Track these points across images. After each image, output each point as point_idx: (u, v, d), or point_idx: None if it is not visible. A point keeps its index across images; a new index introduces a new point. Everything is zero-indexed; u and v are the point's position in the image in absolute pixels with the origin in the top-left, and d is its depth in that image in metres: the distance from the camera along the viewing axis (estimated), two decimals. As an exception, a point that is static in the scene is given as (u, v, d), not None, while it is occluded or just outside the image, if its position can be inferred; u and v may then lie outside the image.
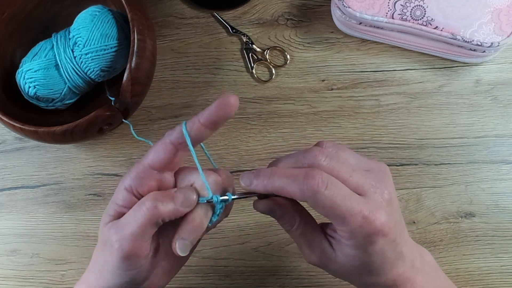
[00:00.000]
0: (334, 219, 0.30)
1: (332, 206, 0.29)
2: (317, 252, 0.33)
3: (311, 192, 0.29)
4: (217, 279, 0.51)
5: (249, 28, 0.55)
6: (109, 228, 0.31)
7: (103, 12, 0.47)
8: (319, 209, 0.29)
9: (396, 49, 0.53)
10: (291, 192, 0.30)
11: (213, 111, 0.30)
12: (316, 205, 0.29)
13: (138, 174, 0.31)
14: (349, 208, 0.29)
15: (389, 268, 0.31)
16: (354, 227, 0.29)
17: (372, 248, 0.30)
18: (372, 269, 0.31)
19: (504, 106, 0.52)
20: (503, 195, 0.51)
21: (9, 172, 0.55)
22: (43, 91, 0.47)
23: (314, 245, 0.33)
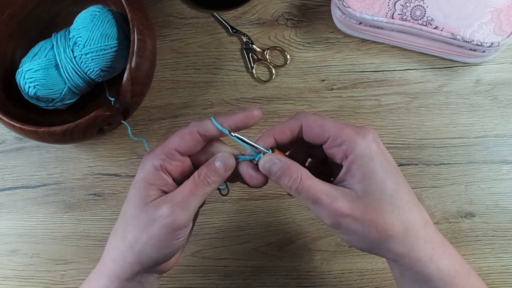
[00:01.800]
0: (329, 130, 0.33)
1: (323, 121, 0.34)
2: (337, 197, 0.32)
3: (304, 115, 0.35)
4: (217, 279, 0.51)
5: (249, 28, 0.55)
6: (159, 204, 0.33)
7: (103, 12, 0.47)
8: (314, 130, 0.34)
9: (396, 49, 0.53)
10: (292, 127, 0.35)
11: (239, 119, 0.35)
12: (311, 126, 0.34)
13: (167, 155, 0.34)
14: (342, 125, 0.33)
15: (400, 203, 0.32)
16: (349, 133, 0.32)
17: (380, 158, 0.32)
18: (394, 194, 0.32)
19: (504, 106, 0.52)
20: (503, 195, 0.51)
21: (9, 172, 0.55)
22: (43, 91, 0.47)
23: (332, 193, 0.32)
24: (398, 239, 0.32)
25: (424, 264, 0.32)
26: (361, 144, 0.32)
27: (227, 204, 0.52)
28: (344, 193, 0.32)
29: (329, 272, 0.51)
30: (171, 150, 0.34)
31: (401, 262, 0.33)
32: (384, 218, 0.31)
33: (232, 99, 0.54)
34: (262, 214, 0.52)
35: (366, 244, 0.33)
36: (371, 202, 0.31)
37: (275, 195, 0.52)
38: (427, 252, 0.32)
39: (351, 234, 0.32)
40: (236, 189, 0.52)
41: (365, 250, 0.34)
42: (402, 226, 0.32)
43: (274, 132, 0.35)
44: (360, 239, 0.32)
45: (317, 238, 0.51)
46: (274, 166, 0.34)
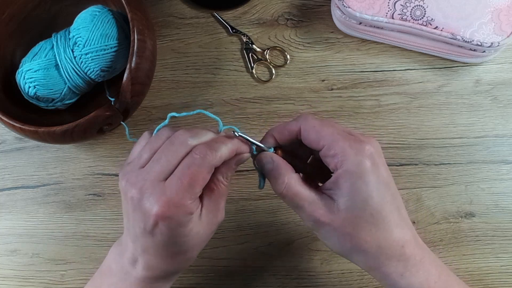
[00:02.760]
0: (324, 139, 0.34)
1: (321, 128, 0.34)
2: (319, 206, 0.34)
3: (305, 118, 0.35)
4: (217, 279, 0.51)
5: (249, 28, 0.55)
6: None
7: (103, 12, 0.47)
8: (311, 135, 0.35)
9: (396, 49, 0.53)
10: (290, 129, 0.36)
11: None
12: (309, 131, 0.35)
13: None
14: (339, 130, 0.34)
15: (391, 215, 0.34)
16: (344, 146, 0.33)
17: (369, 176, 0.33)
18: (374, 214, 0.33)
19: (504, 106, 0.52)
20: (503, 195, 0.51)
21: (9, 172, 0.55)
22: (43, 91, 0.47)
23: (315, 201, 0.34)
24: (370, 254, 0.34)
25: (394, 279, 0.34)
26: (353, 160, 0.33)
27: (227, 204, 0.52)
28: (327, 203, 0.34)
29: (329, 272, 0.51)
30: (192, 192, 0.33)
31: (372, 273, 0.35)
32: (359, 234, 0.33)
33: (232, 99, 0.54)
34: (262, 214, 0.52)
35: (340, 250, 0.35)
36: (350, 217, 0.33)
37: (275, 195, 0.51)
38: (398, 269, 0.34)
39: (328, 239, 0.35)
40: (236, 189, 0.52)
41: (339, 255, 0.36)
42: (375, 244, 0.33)
43: (274, 131, 0.37)
44: (335, 245, 0.35)
45: (317, 238, 0.51)
46: (267, 165, 0.35)
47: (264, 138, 0.37)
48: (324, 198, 0.34)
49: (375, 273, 0.35)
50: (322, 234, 0.35)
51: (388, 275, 0.34)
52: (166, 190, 0.31)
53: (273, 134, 0.37)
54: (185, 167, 0.32)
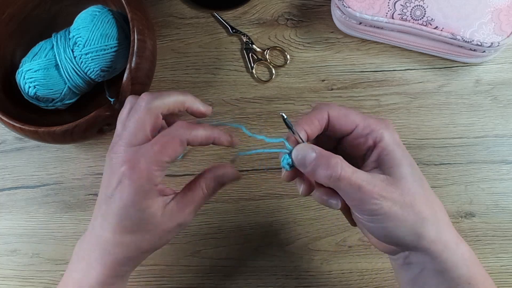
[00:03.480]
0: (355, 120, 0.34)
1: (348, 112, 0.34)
2: (376, 182, 0.32)
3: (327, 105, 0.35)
4: (217, 279, 0.51)
5: (249, 28, 0.55)
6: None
7: (103, 12, 0.47)
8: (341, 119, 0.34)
9: (396, 49, 0.53)
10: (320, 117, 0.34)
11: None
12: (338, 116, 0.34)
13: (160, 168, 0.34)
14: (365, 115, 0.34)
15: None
16: (375, 122, 0.34)
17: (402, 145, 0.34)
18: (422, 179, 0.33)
19: (504, 106, 0.52)
20: (503, 195, 0.51)
21: (9, 172, 0.55)
22: (43, 91, 0.47)
23: (370, 178, 0.32)
24: (431, 222, 0.32)
25: (451, 249, 0.32)
26: (389, 133, 0.33)
27: (227, 204, 0.52)
28: (381, 179, 0.32)
29: (329, 272, 0.51)
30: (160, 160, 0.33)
31: (432, 249, 0.32)
32: (418, 201, 0.32)
33: (232, 99, 0.54)
34: (262, 214, 0.52)
35: (402, 230, 0.32)
36: (405, 186, 0.32)
37: (275, 195, 0.52)
38: (452, 237, 0.33)
39: (390, 219, 0.31)
40: (236, 189, 0.52)
41: (395, 241, 0.33)
42: (431, 209, 0.32)
43: (303, 124, 0.34)
44: (398, 224, 0.32)
45: (317, 238, 0.51)
46: (309, 156, 0.32)
47: (298, 128, 0.34)
48: (375, 176, 0.32)
49: (436, 247, 0.32)
50: (384, 214, 0.31)
51: (446, 245, 0.32)
52: (135, 153, 0.33)
53: (303, 127, 0.34)
54: (159, 136, 0.33)
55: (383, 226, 0.32)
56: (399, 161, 0.32)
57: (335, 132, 0.35)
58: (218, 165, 0.37)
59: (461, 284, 0.32)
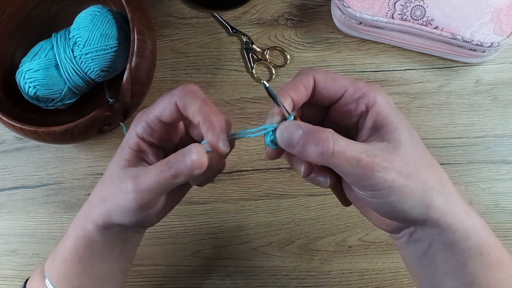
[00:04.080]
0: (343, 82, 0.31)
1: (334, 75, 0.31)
2: (375, 152, 0.28)
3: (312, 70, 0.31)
4: (217, 279, 0.51)
5: (249, 28, 0.55)
6: (127, 175, 0.31)
7: (103, 12, 0.47)
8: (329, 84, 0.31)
9: (396, 49, 0.53)
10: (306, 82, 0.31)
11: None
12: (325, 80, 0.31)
13: (150, 123, 0.32)
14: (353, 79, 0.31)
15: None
16: (365, 85, 0.30)
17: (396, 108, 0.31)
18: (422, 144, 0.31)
19: (504, 106, 0.52)
20: (503, 195, 0.51)
21: (9, 172, 0.55)
22: (43, 91, 0.47)
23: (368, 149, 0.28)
24: (438, 191, 0.29)
25: (461, 219, 0.30)
26: (381, 96, 0.30)
27: (227, 204, 0.52)
28: (380, 147, 0.28)
29: (329, 272, 0.51)
30: (154, 119, 0.32)
31: (442, 220, 0.29)
32: (422, 168, 0.29)
33: (232, 99, 0.54)
34: (262, 214, 0.52)
35: (409, 203, 0.29)
36: (407, 152, 0.29)
37: (275, 195, 0.52)
38: (461, 205, 0.30)
39: (396, 192, 0.28)
40: (236, 189, 0.52)
41: (402, 216, 0.30)
42: (436, 176, 0.30)
43: (288, 90, 0.31)
44: (405, 196, 0.28)
45: (317, 238, 0.51)
46: (295, 134, 0.28)
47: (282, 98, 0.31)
48: (373, 144, 0.29)
49: (445, 218, 0.29)
50: (389, 188, 0.28)
51: (457, 215, 0.29)
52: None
53: (289, 93, 0.31)
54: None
55: (389, 201, 0.29)
56: (396, 126, 0.29)
57: (322, 98, 0.31)
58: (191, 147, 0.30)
59: (472, 256, 0.30)
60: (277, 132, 0.29)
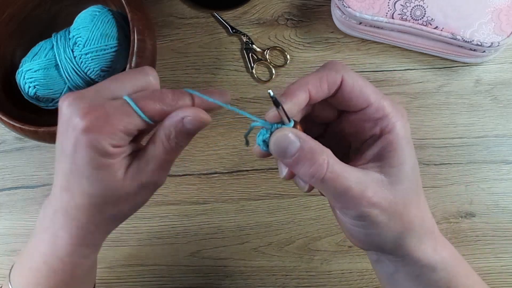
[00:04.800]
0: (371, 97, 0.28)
1: (365, 83, 0.28)
2: (367, 184, 0.27)
3: (344, 67, 0.28)
4: (217, 279, 0.51)
5: (249, 28, 0.55)
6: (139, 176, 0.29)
7: (103, 12, 0.47)
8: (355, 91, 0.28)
9: (396, 49, 0.53)
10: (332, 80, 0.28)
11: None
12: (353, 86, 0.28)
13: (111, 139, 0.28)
14: (381, 94, 0.28)
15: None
16: (390, 106, 0.28)
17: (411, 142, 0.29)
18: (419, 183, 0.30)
19: (504, 106, 0.52)
20: (503, 195, 0.51)
21: (9, 172, 0.55)
22: (43, 91, 0.47)
23: (361, 179, 0.27)
24: (414, 233, 0.29)
25: (429, 256, 0.30)
26: (402, 123, 0.28)
27: (227, 204, 0.52)
28: (374, 179, 0.27)
29: (329, 272, 0.51)
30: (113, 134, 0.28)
31: (409, 257, 0.30)
32: (410, 208, 0.28)
33: (232, 99, 0.54)
34: (262, 214, 0.52)
35: (383, 239, 0.29)
36: (401, 191, 0.28)
37: (275, 195, 0.52)
38: (431, 244, 0.30)
39: (374, 227, 0.28)
40: (236, 189, 0.52)
41: (373, 247, 0.31)
42: (420, 218, 0.29)
43: (309, 83, 0.28)
44: (382, 233, 0.28)
45: (317, 238, 0.51)
46: (292, 146, 0.26)
47: (293, 94, 0.27)
48: (369, 174, 0.27)
49: (413, 255, 0.30)
50: (370, 221, 0.28)
51: (425, 253, 0.30)
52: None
53: (308, 87, 0.27)
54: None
55: (365, 232, 0.29)
56: (403, 162, 0.28)
57: (341, 103, 0.29)
58: (182, 108, 0.29)
59: (440, 287, 0.31)
60: (272, 138, 0.27)
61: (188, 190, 0.53)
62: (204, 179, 0.52)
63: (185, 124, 0.28)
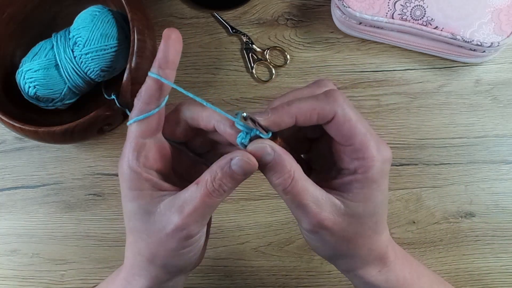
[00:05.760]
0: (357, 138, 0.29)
1: (356, 124, 0.28)
2: (325, 207, 0.29)
3: (338, 101, 0.28)
4: (217, 279, 0.51)
5: (249, 28, 0.55)
6: (167, 214, 0.29)
7: (103, 12, 0.47)
8: (344, 129, 0.29)
9: (396, 49, 0.53)
10: (323, 113, 0.28)
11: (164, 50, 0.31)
12: (343, 124, 0.29)
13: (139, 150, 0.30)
14: (369, 128, 0.29)
15: (384, 226, 0.32)
16: (373, 151, 0.29)
17: (384, 183, 0.30)
18: (379, 220, 0.31)
19: (504, 106, 0.52)
20: (503, 195, 0.51)
21: (9, 172, 0.55)
22: (43, 91, 0.47)
23: (320, 201, 0.29)
24: (359, 258, 0.32)
25: (373, 276, 0.33)
26: (378, 168, 0.29)
27: (227, 204, 0.52)
28: (333, 204, 0.29)
29: (329, 272, 0.51)
30: (140, 142, 0.30)
31: (351, 274, 0.34)
32: (358, 240, 0.31)
33: (232, 99, 0.54)
34: (262, 214, 0.52)
35: (329, 254, 0.33)
36: (355, 223, 0.30)
37: (275, 195, 0.52)
38: (376, 268, 0.33)
39: (322, 244, 0.31)
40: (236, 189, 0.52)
41: (323, 257, 0.34)
42: (367, 248, 0.32)
43: (297, 109, 0.28)
44: (327, 250, 0.32)
45: (317, 238, 0.51)
46: (266, 157, 0.28)
47: (279, 114, 0.28)
48: (330, 199, 0.29)
49: (355, 273, 0.33)
50: (318, 239, 0.31)
51: (368, 273, 0.33)
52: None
53: (296, 114, 0.28)
54: None
55: (315, 245, 0.32)
56: (366, 200, 0.29)
57: (331, 134, 0.30)
58: (232, 152, 0.29)
59: None
60: (250, 146, 0.28)
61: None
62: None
63: (232, 166, 0.28)
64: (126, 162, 0.30)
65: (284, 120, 0.28)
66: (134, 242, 0.32)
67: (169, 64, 0.30)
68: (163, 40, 0.29)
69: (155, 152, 0.30)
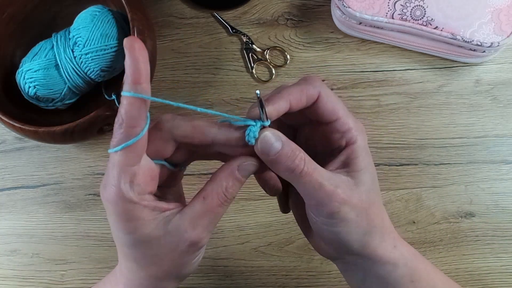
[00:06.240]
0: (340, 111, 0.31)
1: (336, 100, 0.31)
2: (338, 183, 0.30)
3: (320, 83, 0.31)
4: (217, 279, 0.51)
5: (249, 28, 0.55)
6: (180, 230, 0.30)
7: (103, 12, 0.47)
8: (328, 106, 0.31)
9: (396, 49, 0.53)
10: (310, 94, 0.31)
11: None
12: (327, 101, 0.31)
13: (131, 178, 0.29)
14: (347, 111, 0.32)
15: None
16: (355, 121, 0.32)
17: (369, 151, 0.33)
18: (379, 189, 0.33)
19: (504, 106, 0.52)
20: (503, 195, 0.51)
21: (9, 172, 0.55)
22: (43, 91, 0.47)
23: (333, 178, 0.30)
24: (377, 231, 0.32)
25: (389, 253, 0.33)
26: (362, 137, 0.32)
27: (227, 204, 0.52)
28: (343, 180, 0.31)
29: (329, 272, 0.51)
30: (130, 171, 0.29)
31: (373, 255, 0.32)
32: (373, 208, 0.32)
33: (232, 99, 0.54)
34: (262, 214, 0.52)
35: (352, 237, 0.31)
36: (365, 191, 0.31)
37: (275, 195, 0.52)
38: (391, 242, 0.33)
39: (344, 224, 0.31)
40: (236, 189, 0.52)
41: (343, 247, 0.32)
42: (381, 217, 0.33)
43: (290, 95, 0.30)
44: (351, 230, 0.31)
45: (317, 238, 0.51)
46: (276, 144, 0.29)
47: (275, 101, 0.30)
48: (338, 176, 0.31)
49: (376, 253, 0.32)
50: (340, 218, 0.30)
51: (386, 251, 0.33)
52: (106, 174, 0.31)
53: (289, 98, 0.30)
54: None
55: (336, 231, 0.31)
56: (364, 167, 0.31)
57: (314, 115, 0.32)
58: (234, 158, 0.31)
59: (404, 283, 0.33)
60: (260, 137, 0.29)
61: (188, 190, 0.53)
62: (204, 179, 0.52)
63: (240, 172, 0.31)
64: (117, 194, 0.28)
65: (282, 105, 0.30)
66: (137, 268, 0.32)
67: (143, 78, 0.26)
68: (128, 52, 0.26)
69: (146, 176, 0.29)
